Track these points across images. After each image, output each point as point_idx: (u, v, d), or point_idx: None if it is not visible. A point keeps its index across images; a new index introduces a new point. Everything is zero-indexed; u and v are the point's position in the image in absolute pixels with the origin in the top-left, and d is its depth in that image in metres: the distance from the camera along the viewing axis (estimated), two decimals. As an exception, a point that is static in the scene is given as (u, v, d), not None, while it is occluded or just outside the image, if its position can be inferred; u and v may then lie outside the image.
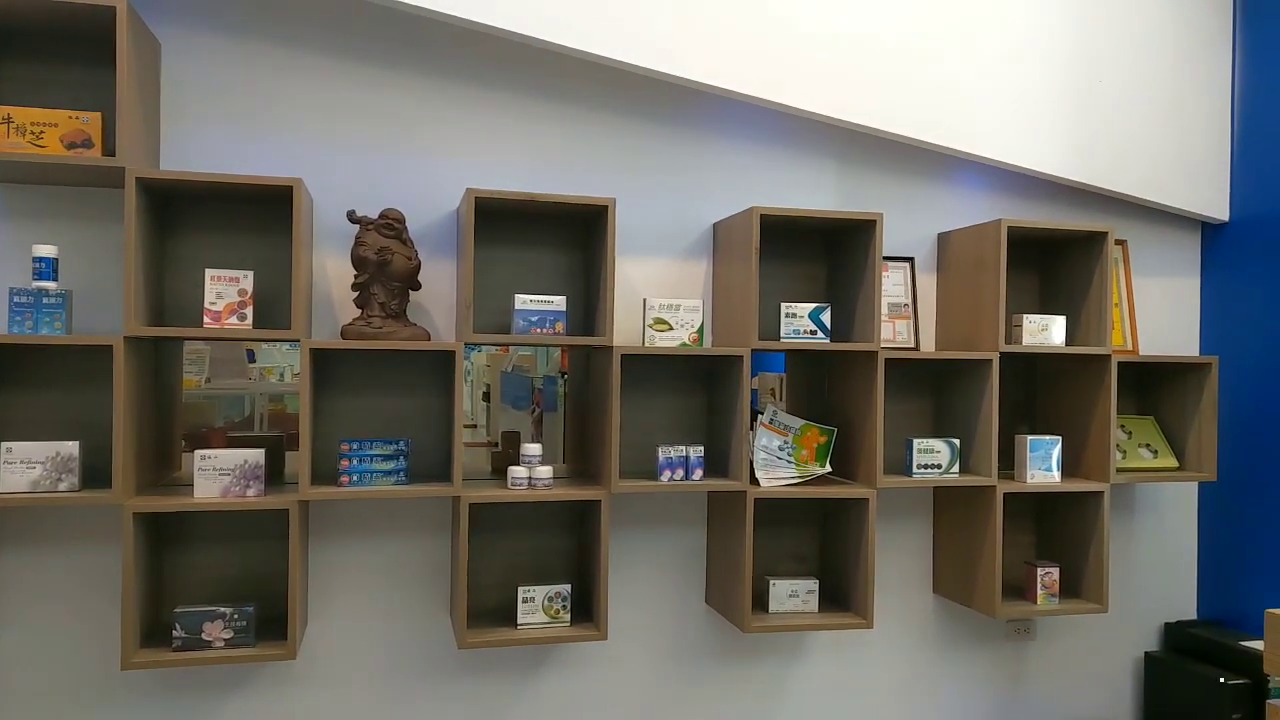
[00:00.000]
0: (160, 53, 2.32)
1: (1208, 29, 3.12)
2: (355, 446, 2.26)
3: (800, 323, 2.50)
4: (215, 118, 2.37)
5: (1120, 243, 3.06)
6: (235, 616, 2.16)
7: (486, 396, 2.60)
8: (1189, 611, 3.22)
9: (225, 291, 2.15)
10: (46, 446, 2.09)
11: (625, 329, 2.62)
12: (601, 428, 2.42)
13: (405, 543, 2.51)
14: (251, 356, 2.43)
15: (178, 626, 2.13)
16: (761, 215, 2.43)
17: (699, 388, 2.70)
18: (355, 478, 2.25)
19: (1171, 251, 3.20)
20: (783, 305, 2.51)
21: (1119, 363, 2.74)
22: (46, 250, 2.11)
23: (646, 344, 2.44)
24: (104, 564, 2.31)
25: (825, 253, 2.79)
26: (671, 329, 2.45)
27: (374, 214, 2.41)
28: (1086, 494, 2.77)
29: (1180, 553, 3.22)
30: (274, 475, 2.39)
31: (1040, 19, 2.91)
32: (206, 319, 2.14)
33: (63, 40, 2.23)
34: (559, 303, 2.34)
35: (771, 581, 2.58)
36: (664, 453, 2.42)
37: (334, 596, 2.46)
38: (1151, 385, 3.09)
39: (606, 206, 2.33)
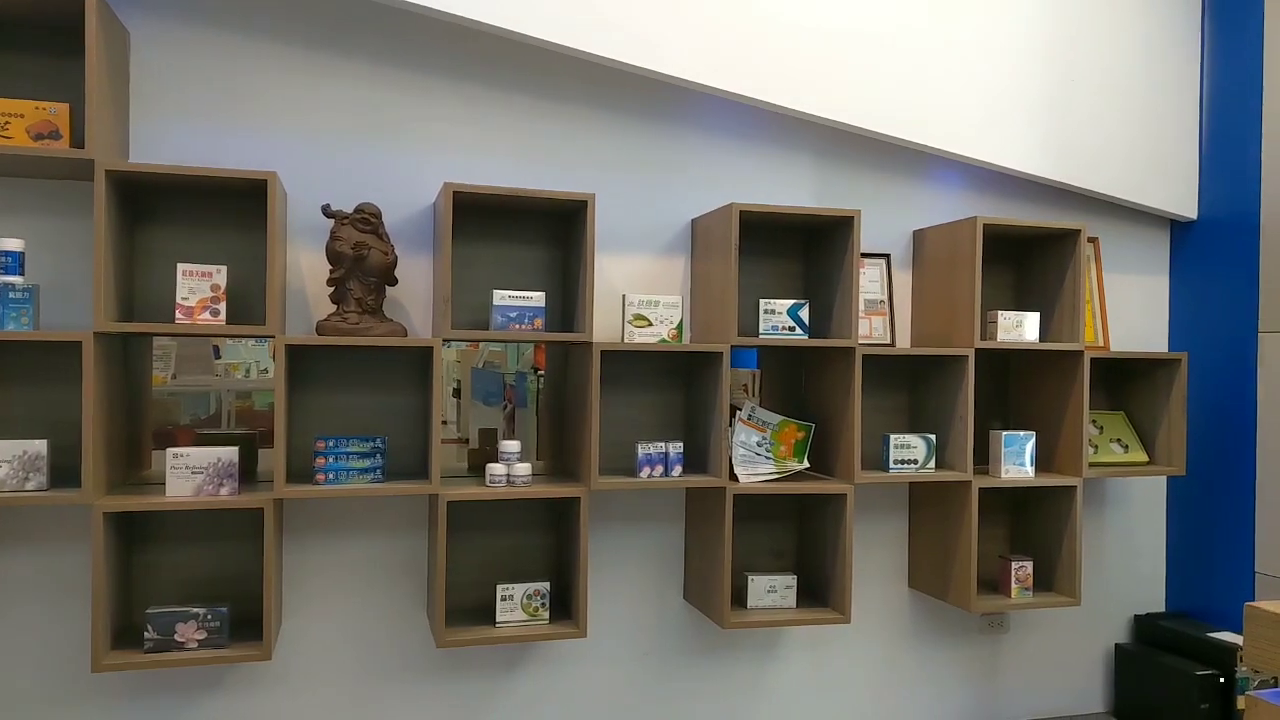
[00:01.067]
0: (129, 43, 2.28)
1: (1177, 33, 3.18)
2: (331, 444, 2.23)
3: (779, 319, 2.51)
4: (187, 110, 2.33)
5: (1092, 240, 3.11)
6: (209, 617, 2.13)
7: (457, 393, 2.59)
8: (1158, 604, 3.28)
9: (198, 286, 2.12)
10: (13, 445, 2.05)
11: (604, 325, 2.61)
12: (580, 424, 2.42)
13: (382, 541, 2.49)
14: (217, 353, 2.39)
15: (150, 628, 2.10)
16: (740, 212, 2.43)
17: (678, 384, 2.70)
18: (331, 475, 2.23)
19: (1141, 249, 3.25)
20: (761, 301, 2.52)
21: (1091, 359, 2.78)
22: (13, 244, 2.07)
23: (626, 340, 2.44)
24: (73, 564, 2.27)
25: (803, 249, 2.81)
26: (651, 325, 2.45)
27: (349, 208, 2.39)
28: (1059, 488, 2.81)
29: (1149, 546, 3.28)
30: (246, 473, 2.36)
31: (1015, 21, 2.95)
32: (178, 314, 2.11)
33: (29, 29, 2.18)
34: (538, 299, 2.34)
35: (750, 577, 2.59)
36: (643, 449, 2.42)
37: (310, 596, 2.44)
38: (1122, 381, 3.14)
39: (585, 202, 2.33)
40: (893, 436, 2.66)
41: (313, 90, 2.42)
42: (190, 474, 2.13)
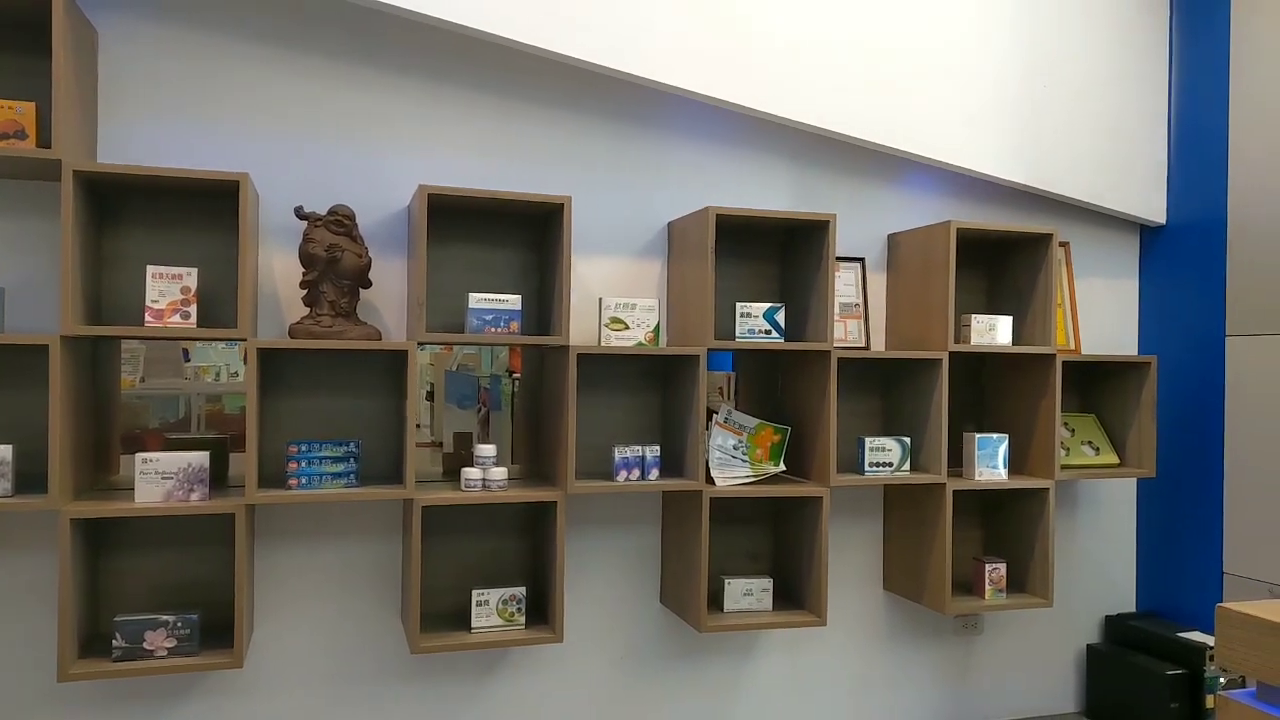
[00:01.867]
0: (98, 41, 2.25)
1: (1146, 41, 3.23)
2: (304, 448, 2.22)
3: (755, 322, 2.52)
4: (156, 109, 2.30)
5: (1064, 245, 3.14)
6: (178, 624, 2.10)
7: (430, 396, 2.57)
8: (1128, 604, 3.33)
9: (167, 289, 2.10)
10: (-23, 450, 2.02)
11: (581, 328, 2.61)
12: (557, 428, 2.41)
13: (355, 546, 2.47)
14: (187, 356, 2.37)
15: (118, 636, 2.06)
16: (717, 215, 2.44)
17: (655, 387, 2.70)
18: (304, 480, 2.21)
19: (1112, 254, 3.29)
20: (738, 305, 2.53)
21: (1063, 362, 2.82)
22: (-23, 245, 2.03)
23: (602, 343, 2.44)
24: (40, 571, 2.23)
25: (779, 252, 2.82)
26: (627, 328, 2.45)
27: (323, 210, 2.37)
28: (1032, 490, 2.84)
29: (1120, 547, 3.32)
30: (217, 478, 2.33)
31: (989, 29, 2.98)
32: (148, 317, 2.08)
33: (-6, 26, 2.15)
34: (514, 301, 2.33)
35: (726, 580, 2.59)
36: (620, 453, 2.42)
37: (281, 602, 2.42)
38: (1093, 383, 3.17)
39: (562, 205, 2.32)
40: (868, 439, 2.67)
41: (286, 90, 2.40)
42: (160, 479, 2.10)
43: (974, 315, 2.74)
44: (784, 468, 2.63)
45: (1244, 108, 2.97)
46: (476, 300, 2.30)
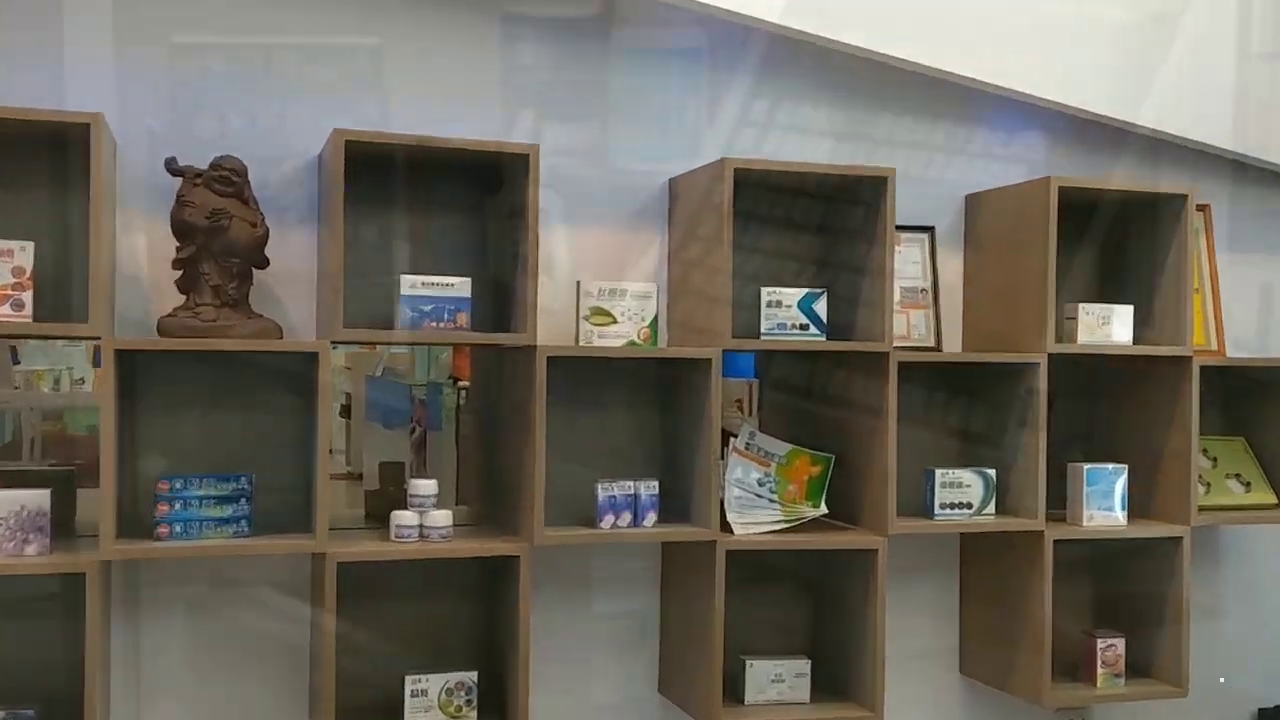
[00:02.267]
0: (-101, -64, 2.25)
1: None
2: (179, 485, 2.22)
3: (787, 314, 2.53)
4: (-21, 28, 2.30)
5: (1202, 208, 3.13)
6: (8, 723, 2.10)
7: (346, 411, 2.58)
8: (1289, 693, 3.33)
9: (-7, 270, 2.10)
10: None
11: (552, 323, 2.59)
12: (519, 456, 2.42)
13: (249, 615, 2.47)
14: (15, 357, 2.37)
15: (-74, 739, 2.06)
16: (735, 169, 2.44)
17: (651, 401, 2.71)
18: (179, 528, 2.21)
19: (1266, 221, 3.30)
20: (763, 291, 2.53)
21: (1200, 367, 2.81)
22: None
23: (581, 342, 2.45)
24: None
25: (819, 220, 2.83)
26: (615, 322, 2.46)
27: (203, 164, 2.36)
28: (1160, 540, 2.84)
29: (1278, 616, 3.31)
30: (61, 524, 2.32)
31: (1098, -86, 2.99)
32: (-34, 308, 2.08)
33: None
34: (461, 286, 2.34)
35: (748, 662, 2.60)
36: (604, 490, 2.43)
37: (149, 691, 2.42)
38: (1242, 396, 3.18)
39: (527, 156, 2.33)
40: (939, 472, 2.67)
41: (156, 6, 2.40)
42: (-17, 527, 2.10)
43: (1082, 305, 2.74)
44: (825, 510, 2.63)
45: None
46: (411, 284, 2.31)
